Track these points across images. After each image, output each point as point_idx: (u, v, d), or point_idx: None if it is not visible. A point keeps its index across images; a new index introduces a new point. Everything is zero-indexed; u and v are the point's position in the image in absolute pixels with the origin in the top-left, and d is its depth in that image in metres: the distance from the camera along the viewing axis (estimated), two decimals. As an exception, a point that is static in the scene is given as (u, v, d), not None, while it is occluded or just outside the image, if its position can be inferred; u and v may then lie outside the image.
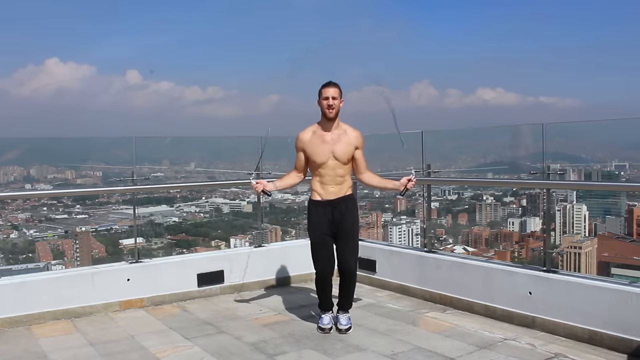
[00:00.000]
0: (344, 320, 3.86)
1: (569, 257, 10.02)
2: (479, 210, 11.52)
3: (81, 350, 3.55)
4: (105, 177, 6.43)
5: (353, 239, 3.82)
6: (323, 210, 3.76)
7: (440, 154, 5.85)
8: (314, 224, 3.80)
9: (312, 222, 3.82)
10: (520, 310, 3.85)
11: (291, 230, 8.56)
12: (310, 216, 3.84)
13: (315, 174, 3.81)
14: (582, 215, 10.30)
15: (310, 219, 3.84)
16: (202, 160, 6.75)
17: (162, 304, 4.60)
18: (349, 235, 3.78)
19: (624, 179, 6.43)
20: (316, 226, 3.79)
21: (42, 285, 4.23)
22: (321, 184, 3.77)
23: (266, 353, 3.44)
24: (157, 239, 9.75)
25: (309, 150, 3.79)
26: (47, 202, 9.78)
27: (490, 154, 7.04)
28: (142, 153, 5.04)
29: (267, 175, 5.32)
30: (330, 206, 3.75)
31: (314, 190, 3.81)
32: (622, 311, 3.29)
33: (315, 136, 3.78)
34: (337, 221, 3.74)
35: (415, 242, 10.67)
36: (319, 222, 3.77)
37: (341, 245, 3.79)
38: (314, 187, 3.81)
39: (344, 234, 3.77)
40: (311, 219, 3.83)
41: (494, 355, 3.31)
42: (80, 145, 6.07)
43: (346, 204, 3.78)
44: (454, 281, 4.36)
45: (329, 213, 3.75)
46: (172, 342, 3.69)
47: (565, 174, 4.41)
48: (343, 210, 3.76)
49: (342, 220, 3.75)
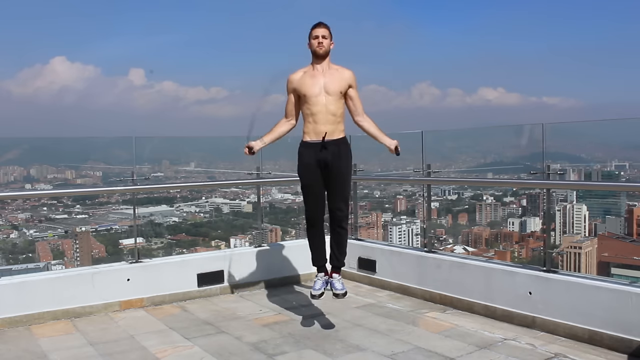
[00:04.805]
0: (339, 285, 3.79)
1: (569, 257, 10.00)
2: (479, 210, 11.51)
3: (81, 350, 3.55)
4: (105, 177, 6.43)
5: (344, 183, 3.72)
6: (314, 152, 3.65)
7: (440, 154, 5.85)
8: (303, 166, 3.72)
9: (302, 164, 3.73)
10: (520, 310, 3.85)
11: (291, 230, 8.56)
12: (300, 158, 3.74)
13: (307, 115, 3.70)
14: (582, 215, 10.28)
15: (300, 160, 3.74)
16: (202, 160, 6.75)
17: (162, 304, 4.60)
18: (340, 180, 3.67)
19: (624, 179, 6.42)
20: (306, 168, 3.70)
21: (42, 285, 4.23)
22: (313, 123, 3.66)
23: (266, 353, 3.44)
24: (157, 239, 9.74)
25: (299, 86, 3.69)
26: (47, 202, 9.77)
27: (490, 154, 7.04)
28: (142, 153, 5.04)
29: (267, 176, 5.34)
30: (320, 147, 3.63)
31: (305, 132, 3.71)
32: (622, 311, 3.29)
33: (306, 74, 3.72)
34: (328, 163, 3.64)
35: (415, 242, 10.67)
36: (309, 164, 3.68)
37: (332, 191, 3.70)
38: (305, 130, 3.71)
39: (335, 178, 3.66)
40: (301, 160, 3.74)
41: (494, 355, 3.31)
42: (80, 145, 6.07)
43: (338, 147, 3.67)
44: (454, 281, 4.36)
45: (319, 154, 3.64)
46: (172, 342, 3.69)
47: (565, 174, 4.41)
48: (335, 152, 3.65)
49: (334, 162, 3.64)
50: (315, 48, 3.67)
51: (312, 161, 3.68)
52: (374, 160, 6.14)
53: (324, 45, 3.65)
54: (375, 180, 6.66)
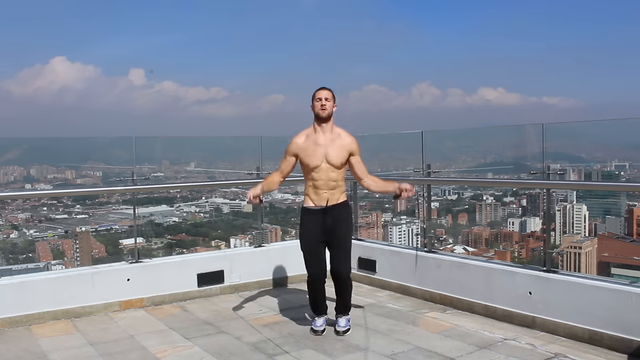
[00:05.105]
0: (343, 322, 3.83)
1: (569, 257, 10.00)
2: (479, 210, 11.51)
3: (81, 350, 3.55)
4: (105, 177, 6.44)
5: (345, 245, 3.78)
6: (315, 217, 3.72)
7: (440, 154, 5.85)
8: (305, 232, 3.78)
9: (304, 230, 3.79)
10: (520, 310, 3.85)
11: (291, 230, 8.55)
12: (302, 223, 3.81)
13: (308, 179, 3.76)
14: (582, 215, 10.29)
15: (302, 226, 3.80)
16: (202, 160, 6.75)
17: (162, 304, 4.60)
18: (341, 241, 3.74)
19: (624, 179, 6.43)
20: (307, 234, 3.76)
21: (42, 285, 4.23)
22: (314, 188, 3.72)
23: (266, 353, 3.44)
24: (157, 239, 9.75)
25: (302, 153, 3.74)
26: (47, 202, 9.78)
27: (490, 154, 7.05)
28: (142, 153, 5.05)
29: (268, 176, 5.33)
30: (322, 213, 3.70)
31: (307, 196, 3.77)
32: (622, 311, 3.29)
33: (309, 140, 3.74)
34: (329, 228, 3.70)
35: (415, 242, 10.66)
36: (310, 231, 3.73)
37: (334, 252, 3.76)
38: (307, 193, 3.78)
39: (337, 241, 3.73)
40: (303, 226, 3.80)
41: (494, 355, 3.31)
42: (80, 145, 6.08)
43: (339, 211, 3.73)
44: (454, 281, 4.36)
45: (321, 220, 3.70)
46: (172, 342, 3.69)
47: (565, 174, 4.41)
48: (336, 216, 3.71)
49: (335, 227, 3.70)
50: (319, 110, 3.70)
51: (313, 227, 3.73)
52: (374, 160, 6.14)
53: (327, 107, 3.69)
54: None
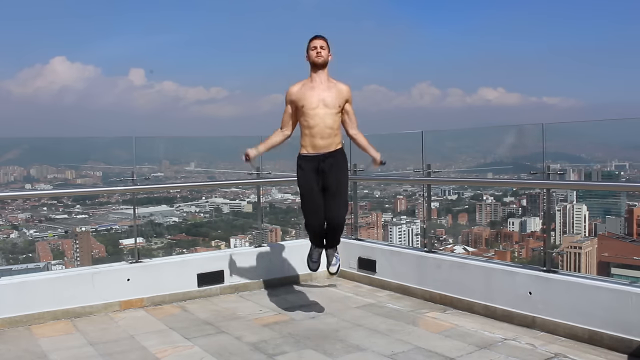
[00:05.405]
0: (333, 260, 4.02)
1: (569, 257, 10.01)
2: (479, 210, 11.51)
3: (81, 350, 3.55)
4: (105, 177, 6.44)
5: (341, 192, 3.85)
6: (311, 164, 3.79)
7: (440, 154, 5.85)
8: (301, 178, 3.85)
9: (300, 176, 3.86)
10: (520, 310, 3.85)
11: (291, 230, 8.56)
12: (298, 171, 3.87)
13: (304, 127, 3.82)
14: (582, 215, 10.29)
15: (299, 173, 3.87)
16: (202, 160, 6.75)
17: (162, 304, 4.60)
18: (337, 188, 3.80)
19: (624, 179, 6.43)
20: (304, 179, 3.83)
21: (42, 285, 4.23)
22: (310, 137, 3.79)
23: (266, 353, 3.44)
24: (157, 239, 9.75)
25: (298, 98, 3.80)
26: (47, 202, 9.77)
27: (490, 154, 7.04)
28: (142, 153, 5.04)
29: (268, 176, 5.34)
30: (318, 160, 3.77)
31: (303, 145, 3.84)
32: (622, 311, 3.29)
33: (305, 87, 3.83)
34: (325, 175, 3.77)
35: (415, 242, 10.67)
36: (307, 176, 3.81)
37: (329, 199, 3.82)
38: (302, 143, 3.84)
39: (332, 187, 3.79)
40: (299, 173, 3.87)
41: (494, 355, 3.31)
42: (80, 145, 6.08)
43: (335, 158, 3.80)
44: (454, 281, 4.36)
45: (317, 167, 3.77)
46: (172, 342, 3.69)
47: (565, 174, 4.40)
48: (332, 162, 3.78)
49: (331, 173, 3.77)
50: (314, 58, 3.78)
51: (311, 171, 3.80)
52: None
53: (322, 55, 3.77)
54: (375, 180, 6.65)
